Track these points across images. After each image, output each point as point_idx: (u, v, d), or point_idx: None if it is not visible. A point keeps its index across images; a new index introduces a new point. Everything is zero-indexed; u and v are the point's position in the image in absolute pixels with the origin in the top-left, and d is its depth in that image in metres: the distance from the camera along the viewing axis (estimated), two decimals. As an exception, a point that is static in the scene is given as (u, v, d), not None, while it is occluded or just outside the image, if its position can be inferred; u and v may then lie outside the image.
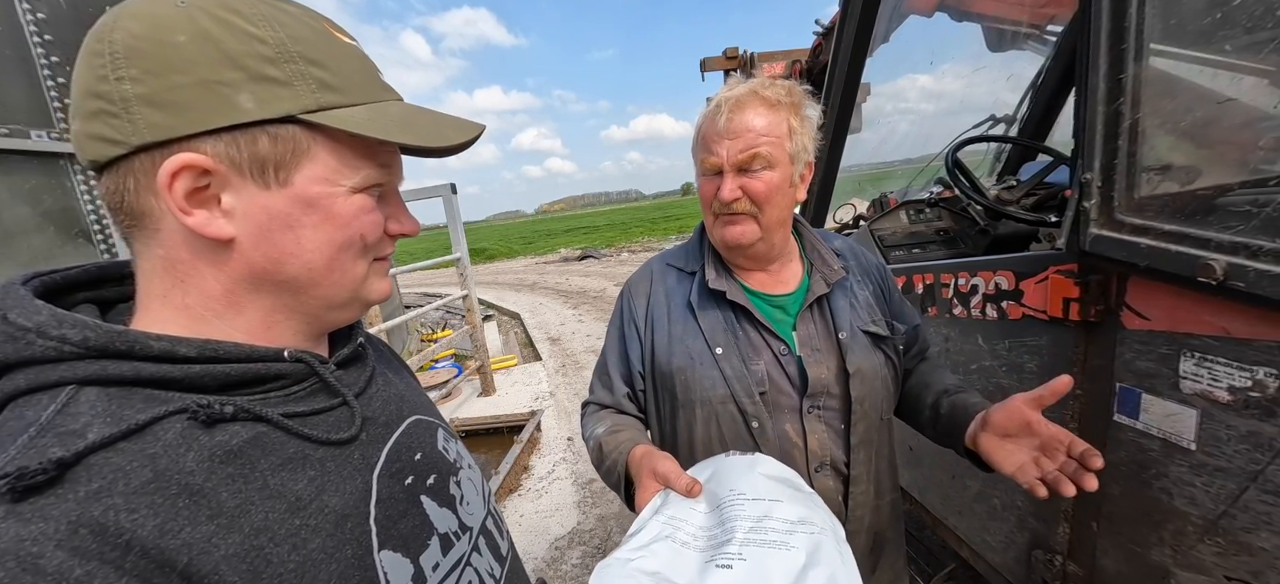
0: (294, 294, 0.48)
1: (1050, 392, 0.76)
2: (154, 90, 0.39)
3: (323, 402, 0.50)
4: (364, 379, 0.56)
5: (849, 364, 0.94)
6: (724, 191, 0.90)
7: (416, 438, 0.58)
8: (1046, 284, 1.09)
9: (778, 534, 0.64)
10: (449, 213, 4.93)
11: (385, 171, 0.49)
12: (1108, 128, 0.92)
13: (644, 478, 0.80)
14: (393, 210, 0.53)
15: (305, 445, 0.46)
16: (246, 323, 0.47)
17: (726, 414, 0.95)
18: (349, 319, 0.54)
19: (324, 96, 0.44)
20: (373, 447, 0.52)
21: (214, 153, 0.41)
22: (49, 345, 0.38)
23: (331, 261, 0.47)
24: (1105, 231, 0.94)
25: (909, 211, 1.89)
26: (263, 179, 0.43)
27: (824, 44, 3.71)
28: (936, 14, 2.45)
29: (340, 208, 0.46)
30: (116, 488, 0.35)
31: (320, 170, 0.45)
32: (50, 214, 2.64)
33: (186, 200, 0.41)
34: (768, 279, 1.01)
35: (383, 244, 0.52)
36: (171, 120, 0.39)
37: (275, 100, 0.41)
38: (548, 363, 6.34)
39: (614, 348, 1.09)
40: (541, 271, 18.13)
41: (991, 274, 1.24)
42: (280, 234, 0.45)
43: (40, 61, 2.61)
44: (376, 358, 0.64)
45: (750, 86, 0.91)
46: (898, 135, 3.30)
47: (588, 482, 3.42)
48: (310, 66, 0.43)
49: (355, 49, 0.48)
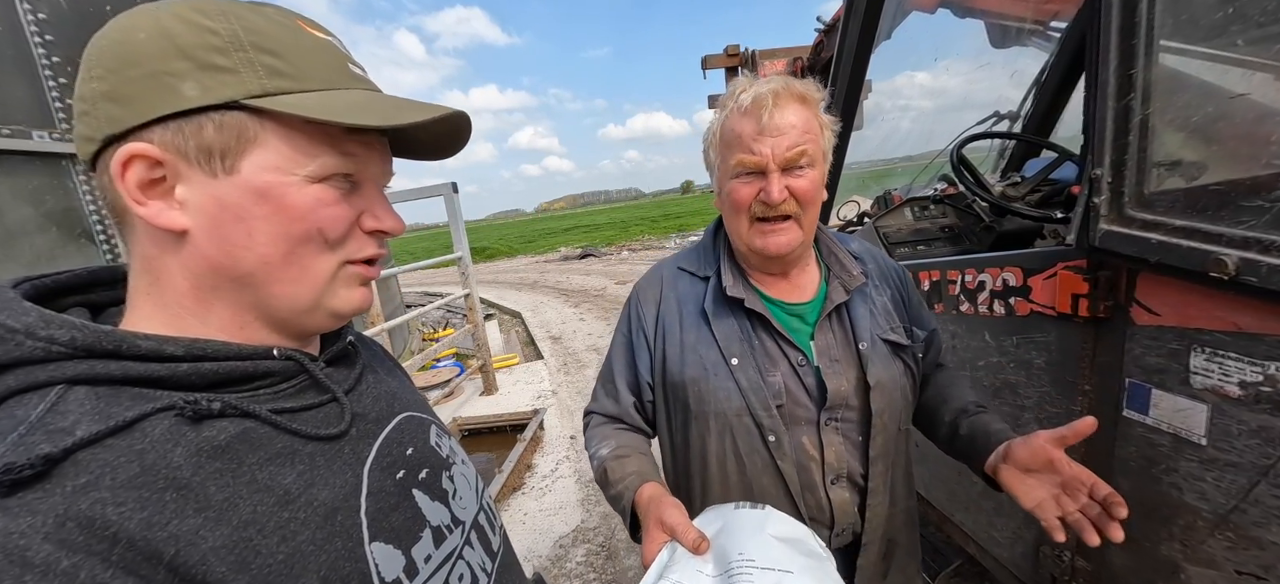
0: (254, 292, 0.46)
1: (1073, 432, 0.76)
2: (113, 86, 0.41)
3: (312, 398, 0.50)
4: (353, 377, 0.56)
5: (870, 376, 0.90)
6: (773, 192, 0.84)
7: (408, 433, 0.58)
8: (1055, 280, 1.09)
9: None
10: (450, 211, 4.92)
11: (350, 161, 0.47)
12: (1118, 123, 0.92)
13: (650, 527, 0.76)
14: (369, 206, 0.50)
15: (294, 441, 0.46)
16: (219, 322, 0.47)
17: (742, 427, 0.92)
18: (320, 328, 0.52)
19: (272, 82, 0.42)
20: (363, 441, 0.52)
21: (161, 142, 0.41)
22: (37, 346, 0.39)
23: (288, 256, 0.45)
24: (1115, 227, 0.94)
25: (914, 208, 1.89)
26: (210, 167, 0.42)
27: (826, 41, 3.71)
28: (939, 10, 2.45)
29: (294, 198, 0.44)
30: (103, 482, 0.35)
31: (271, 158, 0.43)
32: (52, 215, 2.64)
33: (142, 191, 0.42)
34: (786, 286, 0.97)
35: (356, 243, 0.50)
36: (122, 112, 0.41)
37: (219, 86, 0.41)
38: (550, 361, 6.34)
39: (621, 356, 1.04)
40: (542, 270, 18.13)
41: (999, 270, 1.24)
42: (231, 225, 0.43)
43: (41, 62, 2.60)
44: (368, 356, 0.64)
45: (782, 81, 0.86)
46: (900, 132, 3.30)
47: (591, 480, 3.42)
48: (262, 55, 0.42)
49: (324, 41, 0.47)
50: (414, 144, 0.54)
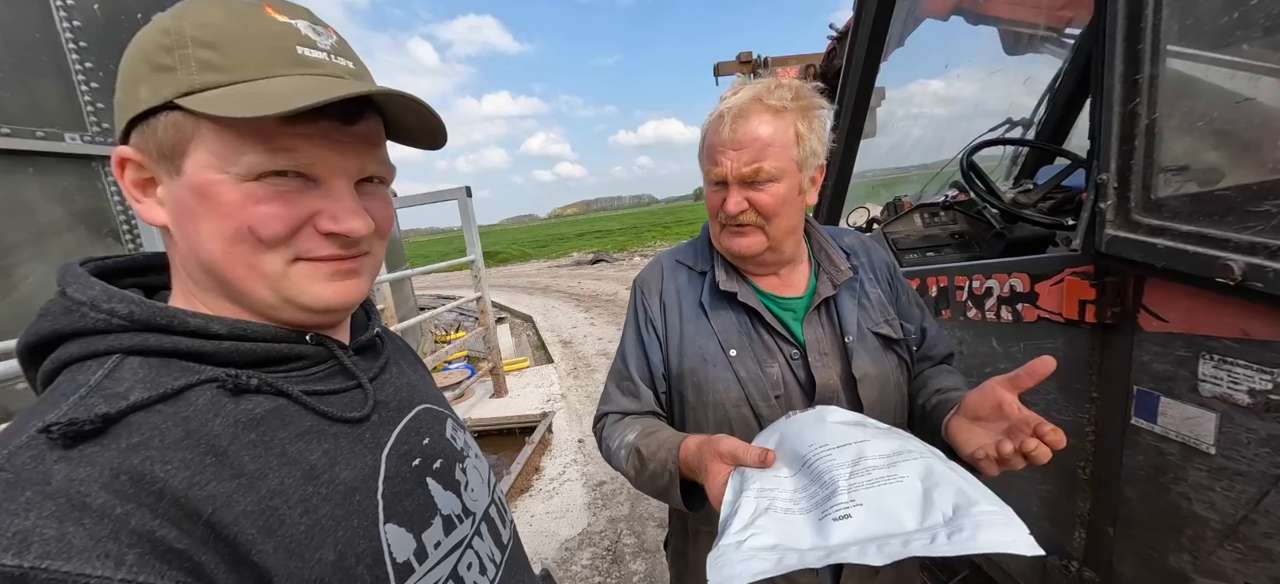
0: (222, 285, 0.46)
1: (1028, 373, 0.70)
2: (118, 92, 0.44)
3: (339, 383, 0.53)
4: (377, 366, 0.59)
5: (855, 369, 0.91)
6: (729, 205, 0.88)
7: (425, 424, 0.60)
8: (1062, 286, 1.08)
9: (881, 471, 0.60)
10: (464, 216, 4.98)
11: (286, 157, 0.43)
12: (1123, 129, 0.92)
13: (710, 464, 0.74)
14: (325, 205, 0.46)
15: (321, 421, 0.48)
16: (220, 308, 0.48)
17: (739, 417, 0.93)
18: (300, 322, 0.50)
19: (200, 78, 0.41)
20: (383, 428, 0.54)
21: (135, 144, 0.44)
22: (99, 317, 0.43)
23: (227, 254, 0.44)
24: (1121, 233, 0.93)
25: (923, 214, 1.88)
26: (167, 167, 0.43)
27: (838, 48, 3.71)
28: (952, 17, 2.44)
29: (225, 196, 0.42)
30: (153, 443, 0.38)
31: (205, 157, 0.42)
32: (82, 214, 2.73)
33: (138, 190, 0.45)
34: (778, 282, 0.99)
35: (308, 242, 0.46)
36: (119, 117, 0.44)
37: (161, 86, 0.41)
38: (559, 365, 6.37)
39: (633, 350, 1.04)
40: (554, 275, 18.22)
41: (1006, 276, 1.23)
42: (186, 223, 0.44)
43: (75, 67, 2.70)
44: (392, 350, 0.67)
45: (754, 92, 0.87)
46: (912, 140, 3.28)
47: (598, 484, 3.43)
48: (200, 49, 0.41)
49: (279, 25, 0.44)
50: (406, 130, 0.52)
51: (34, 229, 2.54)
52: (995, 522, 0.51)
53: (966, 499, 0.54)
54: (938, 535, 0.51)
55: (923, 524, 0.54)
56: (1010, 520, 0.51)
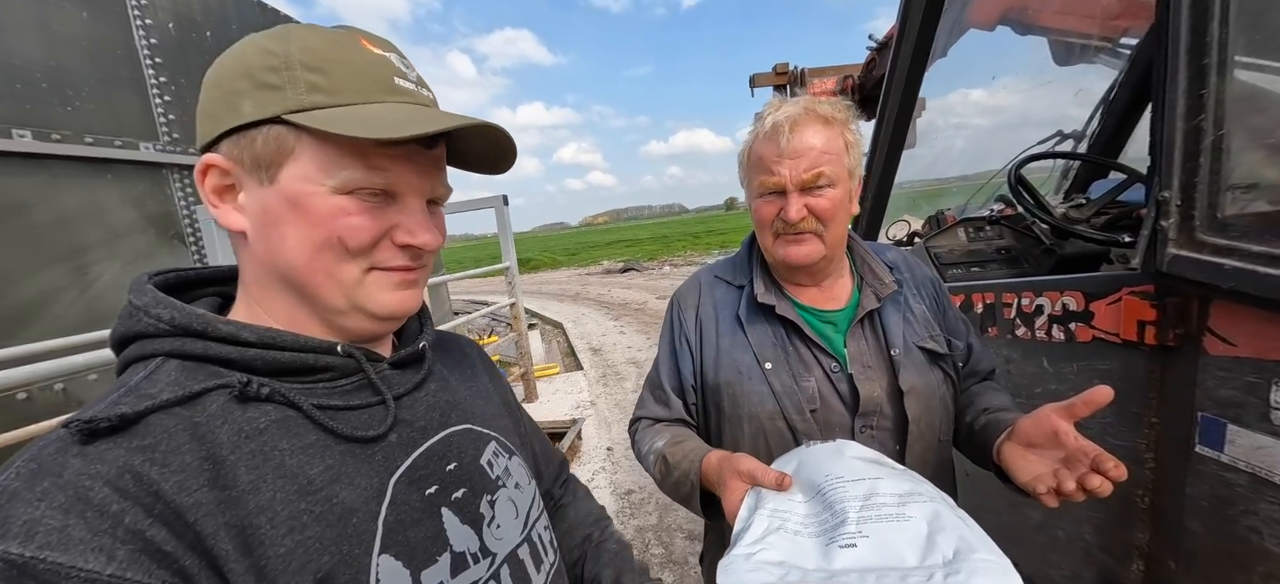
0: (296, 292, 0.49)
1: (1084, 402, 0.69)
2: (205, 104, 0.47)
3: (364, 398, 0.52)
4: (414, 381, 0.57)
5: (902, 382, 0.91)
6: (790, 212, 0.89)
7: (456, 447, 0.57)
8: (1119, 306, 1.04)
9: (891, 508, 0.62)
10: (500, 223, 5.09)
11: (379, 174, 0.48)
12: (1187, 144, 0.89)
13: (728, 480, 0.77)
14: (404, 219, 0.51)
15: (328, 437, 0.48)
16: (276, 315, 0.50)
17: (774, 430, 0.93)
18: (365, 329, 0.53)
19: (308, 98, 0.45)
20: (401, 449, 0.52)
21: (227, 153, 0.46)
22: (149, 322, 0.46)
23: (311, 261, 0.47)
24: (1185, 252, 0.90)
25: (968, 229, 1.84)
26: (259, 176, 0.46)
27: (878, 58, 3.66)
28: (998, 27, 2.38)
29: (317, 206, 0.46)
30: (160, 445, 0.40)
31: (303, 169, 0.46)
32: (152, 218, 2.93)
33: (218, 196, 0.48)
34: (819, 294, 1.00)
35: (385, 253, 0.50)
36: (207, 127, 0.47)
37: (268, 103, 0.45)
38: (589, 372, 6.42)
39: (666, 361, 1.08)
40: (584, 283, 18.38)
41: (1058, 294, 1.19)
42: (271, 229, 0.47)
43: (150, 81, 2.91)
44: (448, 363, 0.66)
45: (804, 105, 0.90)
46: (954, 152, 3.20)
47: (626, 493, 3.43)
48: (307, 72, 0.45)
49: (377, 57, 0.48)
50: (468, 156, 0.56)
51: (109, 231, 2.73)
52: (991, 570, 0.53)
53: (967, 545, 0.56)
54: (934, 575, 0.53)
55: (922, 563, 0.56)
56: (1006, 572, 0.53)
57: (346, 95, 0.46)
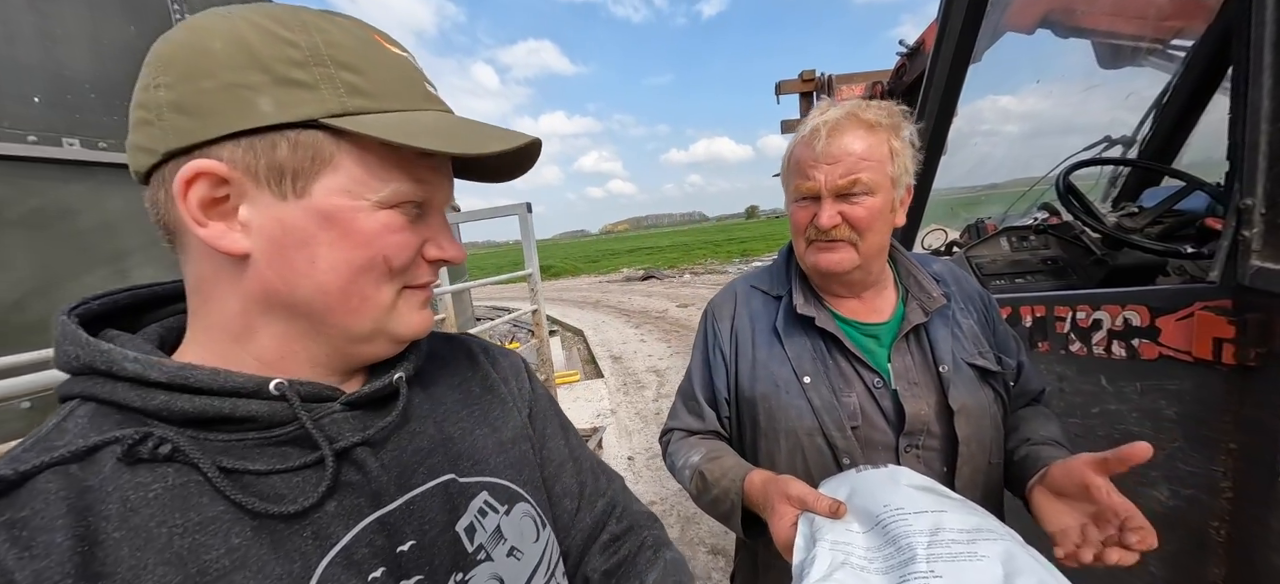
0: (309, 320, 0.43)
1: (1119, 458, 0.66)
2: (182, 95, 0.37)
3: (299, 455, 0.42)
4: (378, 425, 0.45)
5: (952, 400, 0.86)
6: (822, 219, 0.86)
7: (420, 514, 0.45)
8: (1191, 321, 0.97)
9: (961, 545, 0.58)
10: (524, 230, 5.12)
11: (421, 187, 0.44)
12: (1272, 148, 0.82)
13: (776, 504, 0.74)
14: (433, 234, 0.47)
15: (235, 512, 0.38)
16: (259, 349, 0.43)
17: (813, 447, 0.90)
18: (377, 355, 0.48)
19: (351, 101, 0.39)
20: (338, 523, 0.41)
21: (231, 159, 0.38)
22: (64, 358, 0.40)
23: (348, 285, 0.42)
24: (1271, 264, 0.83)
25: (1011, 238, 1.76)
26: (280, 189, 0.39)
27: (908, 64, 3.59)
28: (1038, 31, 2.30)
29: (362, 224, 0.41)
30: (32, 521, 0.33)
31: (343, 181, 0.40)
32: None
33: (203, 211, 0.39)
34: (860, 307, 0.96)
35: (417, 270, 0.47)
36: (193, 125, 0.37)
37: (297, 103, 0.38)
38: (609, 380, 6.40)
39: (699, 372, 1.05)
40: (604, 290, 18.44)
41: (1119, 308, 1.12)
42: (295, 251, 0.40)
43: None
44: (441, 382, 0.55)
45: (847, 108, 0.87)
46: (991, 159, 3.11)
47: (648, 504, 3.39)
48: (341, 70, 0.39)
49: (402, 59, 0.44)
50: (478, 167, 0.50)
51: (149, 236, 2.80)
52: None
53: None
54: None
55: None
56: None
57: (389, 100, 0.41)
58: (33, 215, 2.38)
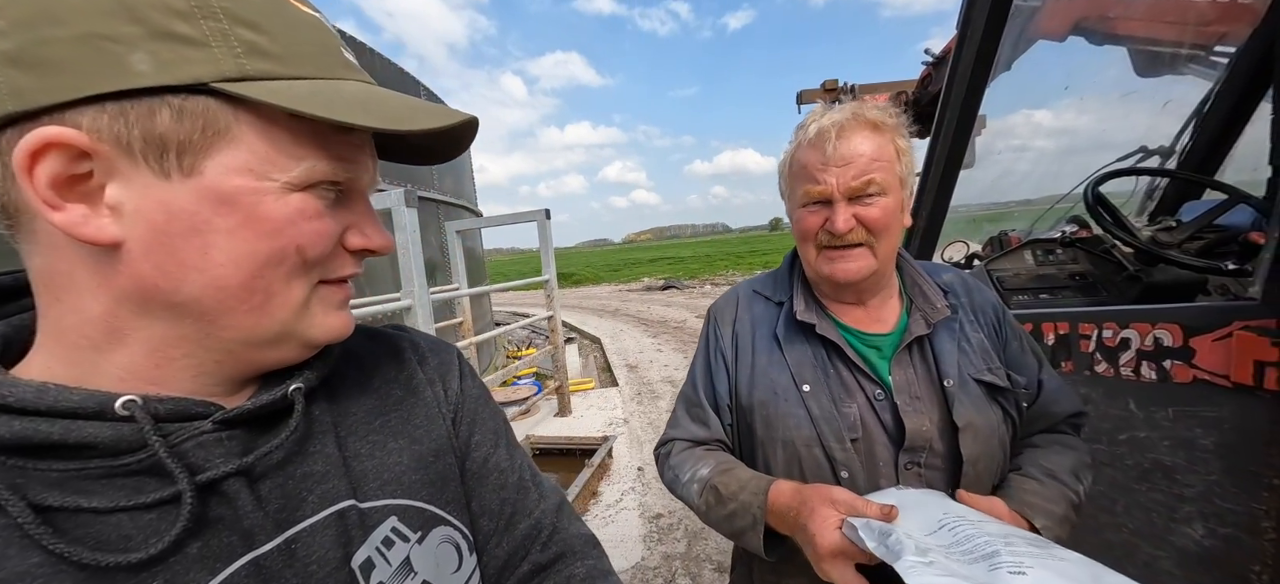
0: (197, 322, 0.36)
1: None
2: (22, 45, 0.30)
3: (149, 489, 0.34)
4: (263, 447, 0.39)
5: (957, 417, 0.82)
6: (838, 223, 0.82)
7: (304, 552, 0.39)
8: (1230, 342, 0.89)
9: (1038, 548, 0.56)
10: (542, 237, 5.16)
11: (342, 166, 0.38)
12: (1323, 155, 0.75)
13: (818, 507, 0.71)
14: (355, 220, 0.41)
15: (58, 565, 0.31)
16: (127, 359, 0.36)
17: (811, 458, 0.86)
18: (283, 361, 0.41)
19: (253, 64, 0.33)
20: (199, 569, 0.35)
21: (93, 128, 0.31)
22: None
23: (251, 280, 0.36)
24: (1320, 281, 0.75)
25: (1036, 251, 1.67)
26: (161, 165, 0.33)
27: (934, 73, 3.50)
28: (1070, 38, 2.21)
29: (269, 209, 0.35)
30: None
31: (243, 158, 0.34)
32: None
33: (56, 191, 0.31)
34: (863, 315, 0.92)
35: (336, 262, 0.41)
36: (37, 84, 0.30)
37: (182, 63, 0.32)
38: (624, 389, 6.36)
39: (702, 376, 1.01)
40: (624, 299, 18.46)
41: (1149, 327, 1.04)
42: (182, 240, 0.34)
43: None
44: (353, 388, 0.48)
45: (851, 110, 0.85)
46: (1018, 172, 2.99)
47: (655, 516, 3.32)
48: (237, 26, 0.33)
49: (312, 17, 0.38)
50: (404, 147, 0.44)
51: None
52: None
53: None
54: None
55: None
56: None
57: (300, 65, 0.35)
58: None
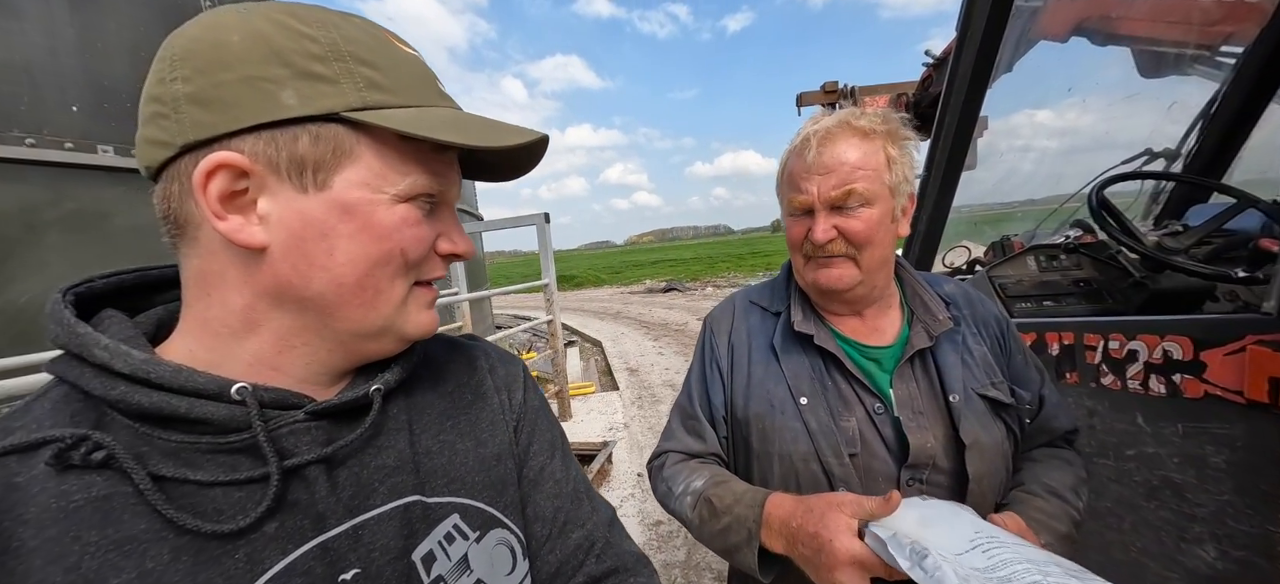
0: (318, 315, 0.43)
1: None
2: (200, 88, 0.38)
3: (243, 468, 0.40)
4: (344, 438, 0.44)
5: (963, 434, 0.79)
6: (817, 233, 0.82)
7: (369, 539, 0.43)
8: (1243, 357, 0.85)
9: (1070, 571, 0.55)
10: (541, 240, 5.14)
11: (436, 181, 0.45)
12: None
13: (828, 514, 0.68)
14: (445, 228, 0.48)
15: (162, 526, 0.36)
16: (258, 345, 0.43)
17: (808, 473, 0.83)
18: (382, 353, 0.48)
19: (371, 95, 0.41)
20: (275, 547, 0.39)
21: (252, 152, 0.38)
22: (50, 336, 0.40)
23: (364, 278, 0.43)
24: (1338, 294, 0.72)
25: (1039, 257, 1.64)
26: (301, 181, 0.40)
27: (934, 75, 3.46)
28: (1072, 39, 2.18)
29: (381, 217, 0.42)
30: None
31: (362, 174, 0.41)
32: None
33: (222, 203, 0.39)
34: (862, 326, 0.90)
35: (430, 265, 0.48)
36: (214, 117, 0.38)
37: (319, 97, 0.39)
38: (625, 393, 6.32)
39: (697, 387, 0.99)
40: (625, 301, 18.43)
41: (1158, 339, 1.01)
42: (313, 243, 0.41)
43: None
44: (430, 392, 0.53)
45: (840, 117, 0.83)
46: (1020, 174, 2.96)
47: (654, 523, 3.29)
48: (360, 66, 0.41)
49: (414, 57, 0.46)
50: (485, 164, 0.52)
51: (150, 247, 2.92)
52: None
53: None
54: None
55: None
56: None
57: (406, 95, 0.43)
58: (69, 219, 2.47)
